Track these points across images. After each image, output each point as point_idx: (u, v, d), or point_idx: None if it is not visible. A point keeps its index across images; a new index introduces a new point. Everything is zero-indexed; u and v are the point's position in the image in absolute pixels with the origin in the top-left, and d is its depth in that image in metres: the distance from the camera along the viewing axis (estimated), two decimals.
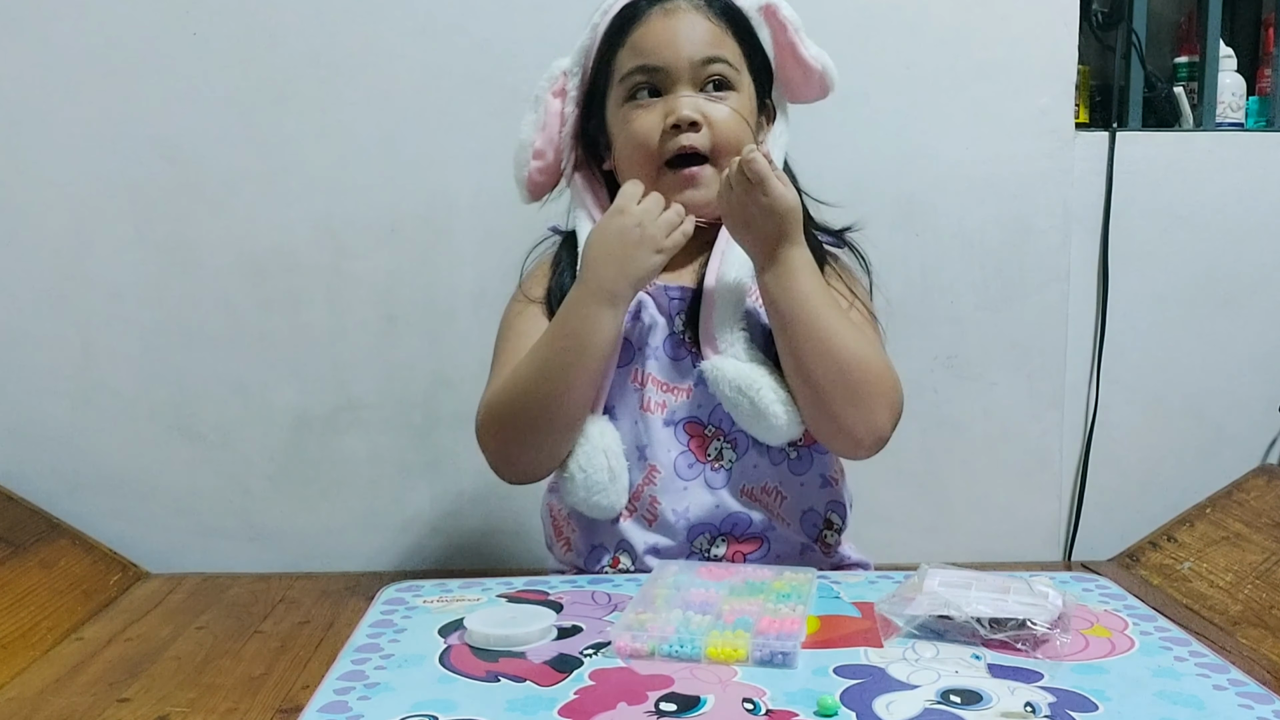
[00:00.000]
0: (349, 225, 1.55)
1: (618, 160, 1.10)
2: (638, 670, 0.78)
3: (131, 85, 1.51)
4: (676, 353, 1.07)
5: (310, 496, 1.59)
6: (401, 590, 0.98)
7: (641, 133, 1.05)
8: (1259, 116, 1.72)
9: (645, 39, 1.05)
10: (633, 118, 1.06)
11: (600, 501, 1.03)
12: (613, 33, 1.07)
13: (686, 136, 1.03)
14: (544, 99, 1.10)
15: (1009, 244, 1.59)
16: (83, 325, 1.55)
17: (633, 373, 1.06)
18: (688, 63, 1.04)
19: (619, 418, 1.06)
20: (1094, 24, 1.68)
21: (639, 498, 1.06)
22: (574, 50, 1.11)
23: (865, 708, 0.71)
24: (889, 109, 1.54)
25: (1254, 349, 1.66)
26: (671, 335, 1.07)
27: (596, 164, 1.14)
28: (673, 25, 1.05)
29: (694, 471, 1.06)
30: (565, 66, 1.10)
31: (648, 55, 1.05)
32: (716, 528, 1.06)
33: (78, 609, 1.30)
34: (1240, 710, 0.73)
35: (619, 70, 1.07)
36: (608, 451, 1.02)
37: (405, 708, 0.73)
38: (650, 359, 1.06)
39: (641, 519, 1.06)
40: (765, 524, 1.07)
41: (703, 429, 1.06)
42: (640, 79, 1.05)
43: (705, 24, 1.06)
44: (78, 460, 1.56)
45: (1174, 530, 1.54)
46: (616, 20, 1.07)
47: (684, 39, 1.04)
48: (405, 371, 1.57)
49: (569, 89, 1.10)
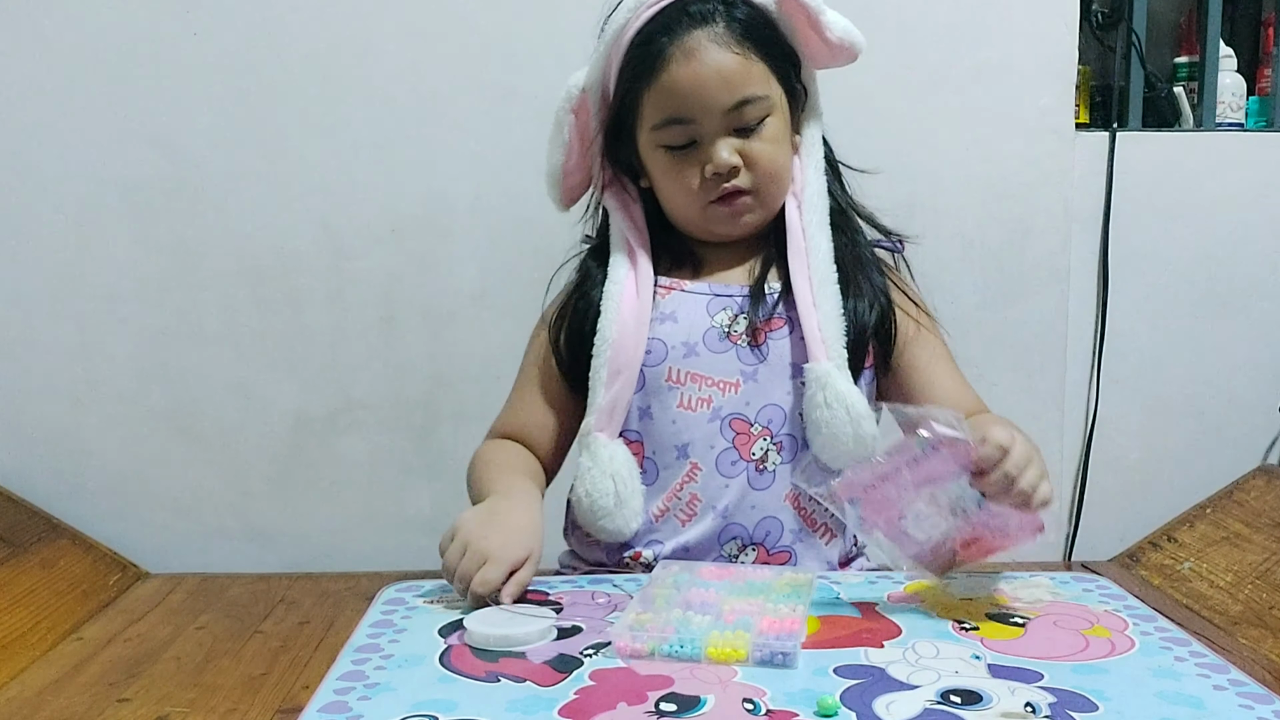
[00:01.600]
0: (349, 226, 1.55)
1: (660, 193, 1.09)
2: (638, 670, 0.78)
3: (131, 85, 1.51)
4: (717, 345, 1.06)
5: (310, 497, 1.59)
6: (401, 590, 0.98)
7: (683, 192, 1.05)
8: (1259, 116, 1.72)
9: (672, 89, 1.02)
10: (671, 168, 1.05)
11: (606, 526, 1.03)
12: (635, 66, 1.04)
13: (729, 181, 1.04)
14: (565, 120, 1.08)
15: (1009, 244, 1.59)
16: (83, 325, 1.55)
17: (667, 372, 1.05)
18: (719, 113, 1.02)
19: (654, 418, 1.05)
20: (1094, 24, 1.68)
21: (677, 495, 1.05)
22: (588, 67, 1.08)
23: (865, 708, 0.71)
24: (889, 109, 1.54)
25: (1254, 349, 1.66)
26: (713, 329, 1.06)
27: (631, 180, 1.12)
28: (696, 73, 1.01)
29: (737, 469, 1.05)
30: (581, 84, 1.08)
31: (676, 108, 1.02)
32: (750, 534, 1.05)
33: (77, 609, 1.30)
34: (1240, 710, 0.73)
35: (647, 115, 1.04)
36: (615, 476, 1.02)
37: (405, 708, 0.72)
38: (686, 355, 1.05)
39: (675, 518, 1.05)
40: (797, 536, 1.06)
41: (749, 426, 1.05)
42: (674, 131, 1.04)
43: (729, 59, 1.02)
44: (78, 460, 1.56)
45: (1174, 530, 1.54)
46: (636, 53, 1.03)
47: (710, 87, 1.01)
48: (405, 372, 1.57)
49: (589, 106, 1.08)
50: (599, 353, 1.05)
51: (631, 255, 1.08)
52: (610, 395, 1.04)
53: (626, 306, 1.05)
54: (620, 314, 1.05)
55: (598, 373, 1.04)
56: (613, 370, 1.04)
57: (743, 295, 1.07)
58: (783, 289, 1.07)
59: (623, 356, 1.04)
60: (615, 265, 1.08)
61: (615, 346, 1.04)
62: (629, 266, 1.08)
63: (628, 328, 1.04)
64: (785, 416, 1.05)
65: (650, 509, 1.06)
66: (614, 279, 1.07)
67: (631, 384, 1.04)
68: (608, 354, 1.04)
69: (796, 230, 1.07)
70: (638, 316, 1.05)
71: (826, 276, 1.06)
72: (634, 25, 1.04)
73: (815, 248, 1.06)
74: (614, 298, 1.05)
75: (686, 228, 1.10)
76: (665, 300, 1.07)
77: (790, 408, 1.05)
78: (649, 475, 1.05)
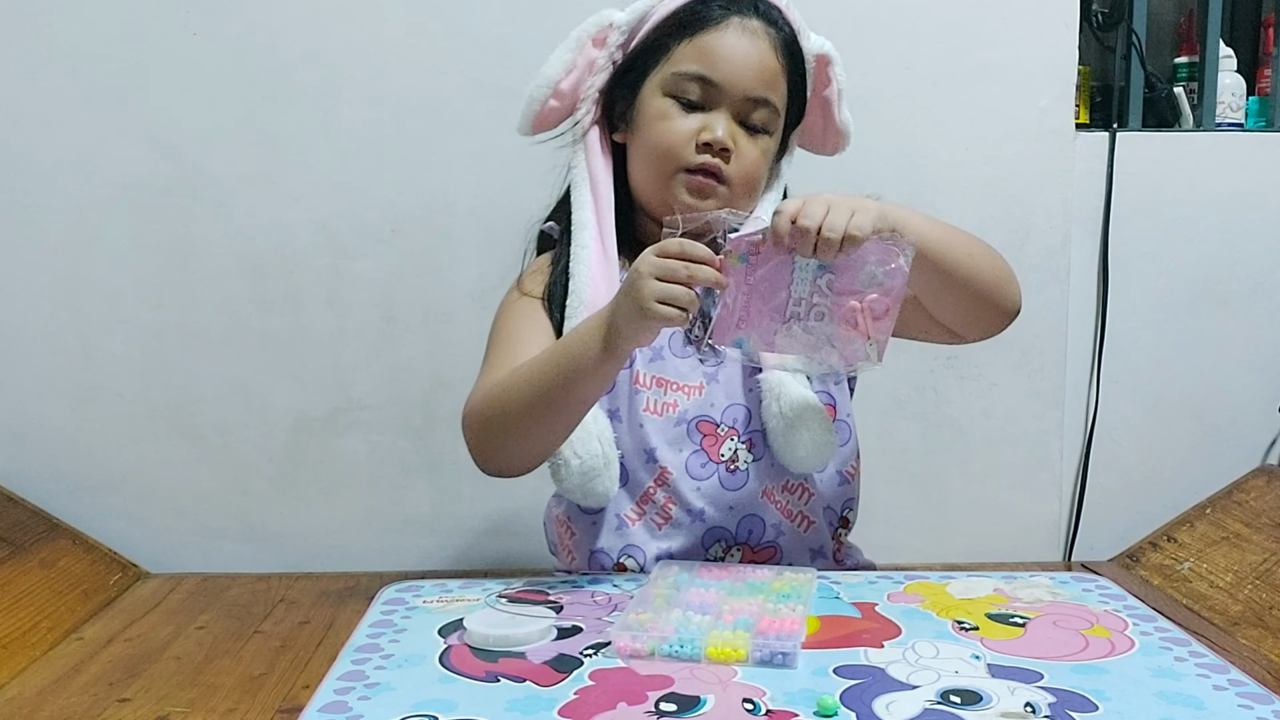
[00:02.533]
0: (349, 225, 1.55)
1: (637, 142, 1.09)
2: (638, 670, 0.78)
3: (131, 85, 1.51)
4: (684, 351, 1.07)
5: (310, 497, 1.59)
6: (401, 590, 0.99)
7: (674, 135, 1.05)
8: (1259, 116, 1.72)
9: (714, 49, 1.04)
10: (670, 115, 1.05)
11: (595, 488, 1.01)
12: (686, 15, 1.06)
13: (715, 158, 1.04)
14: (584, 43, 1.09)
15: (1009, 244, 1.58)
16: (83, 325, 1.55)
17: (635, 375, 1.06)
18: (743, 93, 1.04)
19: (622, 420, 1.06)
20: (1094, 24, 1.68)
21: (650, 500, 1.05)
22: (630, 9, 1.09)
23: (865, 708, 0.71)
24: (889, 109, 1.54)
25: (1254, 349, 1.66)
26: (677, 333, 1.06)
27: (609, 129, 1.12)
28: (745, 49, 1.04)
29: (707, 471, 1.05)
30: (615, 20, 1.09)
31: (711, 68, 1.04)
32: (732, 534, 1.06)
33: (78, 609, 1.30)
34: (1240, 710, 0.73)
35: (674, 61, 1.06)
36: (601, 438, 1.01)
37: (405, 708, 0.73)
38: (653, 359, 1.06)
39: (652, 523, 1.06)
40: (779, 530, 1.06)
41: (715, 428, 1.06)
42: (694, 85, 1.04)
43: (771, 59, 1.05)
44: (78, 460, 1.56)
45: (1174, 530, 1.54)
46: (693, 7, 1.05)
47: (749, 68, 1.04)
48: (405, 372, 1.57)
49: (610, 43, 1.09)
50: (573, 313, 1.04)
51: (598, 215, 1.08)
52: None
53: (596, 268, 1.05)
54: (592, 275, 1.05)
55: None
56: None
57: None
58: None
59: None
60: (580, 228, 1.07)
61: (589, 306, 1.03)
62: (595, 229, 1.07)
63: (599, 289, 1.04)
64: (750, 414, 1.06)
65: (624, 510, 1.06)
66: (580, 243, 1.06)
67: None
68: (582, 312, 1.03)
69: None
70: (608, 278, 1.05)
71: None
72: None
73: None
74: (584, 261, 1.05)
75: (647, 193, 1.09)
76: None
77: (755, 406, 1.06)
78: (621, 475, 1.05)
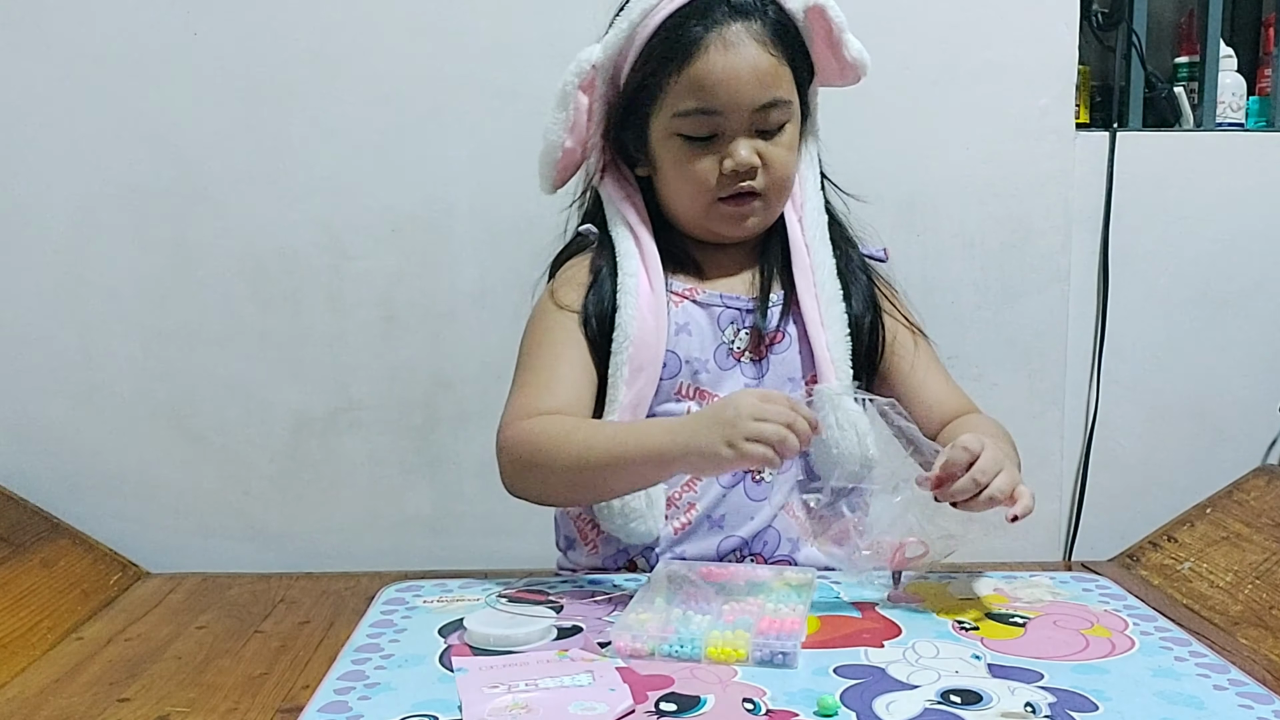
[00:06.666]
0: (349, 225, 1.54)
1: (664, 183, 1.07)
2: (638, 670, 0.78)
3: (131, 85, 1.51)
4: (725, 362, 1.06)
5: (310, 497, 1.59)
6: (401, 590, 0.99)
7: (697, 178, 1.03)
8: (1259, 116, 1.72)
9: (704, 78, 0.99)
10: (685, 158, 1.03)
11: (638, 528, 1.01)
12: (665, 48, 1.01)
13: (745, 181, 1.02)
14: (572, 95, 1.04)
15: (1009, 244, 1.59)
16: (83, 325, 1.55)
17: (679, 386, 1.05)
18: (748, 109, 1.01)
19: None
20: (1094, 24, 1.68)
21: (674, 504, 1.05)
22: (604, 43, 1.04)
23: (865, 708, 0.71)
24: (889, 109, 1.54)
25: (1254, 349, 1.66)
26: (722, 345, 1.06)
27: (628, 165, 1.10)
28: (733, 64, 0.99)
29: (733, 479, 1.05)
30: (595, 59, 1.04)
31: (708, 98, 1.00)
32: (749, 544, 1.05)
33: (78, 609, 1.30)
34: (1240, 710, 0.73)
35: (671, 101, 1.02)
36: None
37: (405, 708, 0.73)
38: (700, 372, 1.05)
39: (671, 528, 1.05)
40: (795, 545, 1.06)
41: None
42: (697, 120, 1.01)
43: (764, 57, 1.00)
44: (78, 460, 1.56)
45: (1174, 530, 1.54)
46: (668, 36, 1.01)
47: (745, 82, 0.99)
48: (405, 372, 1.57)
49: (598, 84, 1.05)
50: (620, 349, 1.02)
51: (639, 247, 1.06)
52: (633, 393, 1.02)
53: (644, 302, 1.03)
54: (639, 310, 1.03)
55: (619, 369, 1.02)
56: (634, 367, 1.02)
57: (747, 308, 1.06)
58: (784, 301, 1.07)
59: (645, 354, 1.02)
60: (625, 256, 1.05)
61: (637, 343, 1.02)
62: (639, 259, 1.05)
63: (647, 324, 1.03)
64: None
65: None
66: (627, 271, 1.04)
67: (653, 382, 1.03)
68: (629, 350, 1.02)
69: (800, 245, 1.07)
70: (655, 312, 1.04)
71: (833, 295, 1.06)
72: (667, 6, 1.01)
73: (820, 263, 1.06)
74: (631, 292, 1.03)
75: (686, 223, 1.08)
76: (678, 310, 1.06)
77: None
78: None
